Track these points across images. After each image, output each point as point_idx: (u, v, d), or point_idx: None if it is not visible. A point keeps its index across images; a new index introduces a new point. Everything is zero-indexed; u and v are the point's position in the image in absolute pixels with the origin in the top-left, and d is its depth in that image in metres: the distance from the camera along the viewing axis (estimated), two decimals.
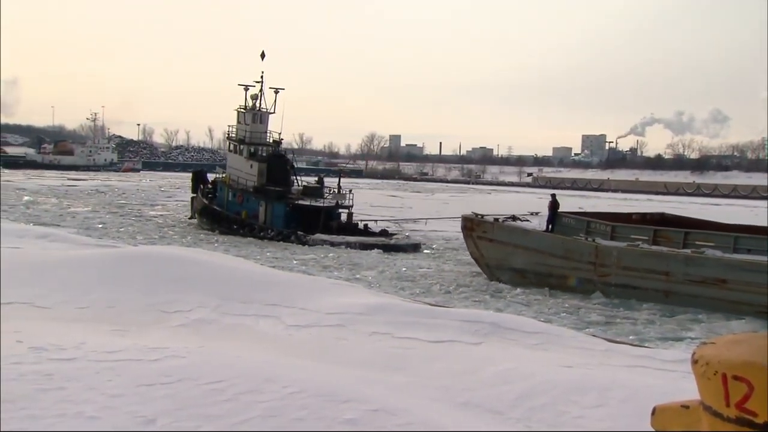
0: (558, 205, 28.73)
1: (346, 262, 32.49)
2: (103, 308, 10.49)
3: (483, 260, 29.29)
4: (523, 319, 10.92)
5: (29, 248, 14.51)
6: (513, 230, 28.54)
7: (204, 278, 11.61)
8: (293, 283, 12.09)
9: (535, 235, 27.69)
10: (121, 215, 52.77)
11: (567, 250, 26.09)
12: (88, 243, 16.54)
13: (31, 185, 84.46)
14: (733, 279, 22.14)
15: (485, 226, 29.26)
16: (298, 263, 31.19)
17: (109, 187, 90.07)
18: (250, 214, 44.47)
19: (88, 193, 77.18)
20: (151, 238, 39.01)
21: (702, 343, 2.28)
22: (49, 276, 11.74)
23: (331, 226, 41.64)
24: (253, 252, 34.67)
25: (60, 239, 16.73)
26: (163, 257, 12.77)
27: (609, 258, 24.87)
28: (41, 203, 58.93)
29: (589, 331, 16.50)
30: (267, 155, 48.00)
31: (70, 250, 14.41)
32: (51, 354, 7.52)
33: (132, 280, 11.55)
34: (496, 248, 28.45)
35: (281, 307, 10.63)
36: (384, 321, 9.98)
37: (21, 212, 49.70)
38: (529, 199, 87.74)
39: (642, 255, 24.29)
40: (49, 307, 10.48)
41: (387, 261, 33.23)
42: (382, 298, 12.04)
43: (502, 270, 28.22)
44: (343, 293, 11.79)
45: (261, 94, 49.22)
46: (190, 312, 10.42)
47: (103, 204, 62.06)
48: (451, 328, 9.71)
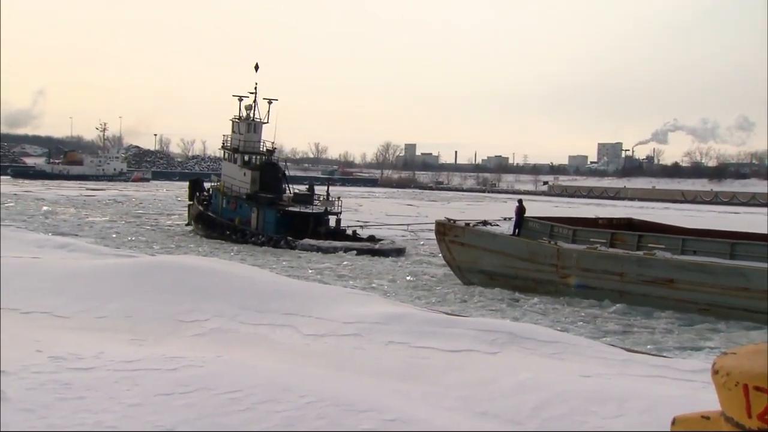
0: (524, 210, 29.90)
1: (361, 271, 32.50)
2: (121, 318, 10.56)
3: (455, 263, 30.50)
4: (540, 328, 10.86)
5: (49, 258, 14.64)
6: (482, 234, 29.78)
7: (220, 288, 11.66)
8: (309, 293, 12.11)
9: (502, 238, 28.91)
10: (138, 224, 53.10)
11: (531, 253, 27.29)
12: (106, 253, 16.66)
13: (49, 195, 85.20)
14: (679, 278, 23.40)
15: (457, 231, 30.54)
16: (314, 272, 31.22)
17: (126, 197, 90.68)
18: (243, 220, 45.96)
19: (105, 203, 77.71)
20: (168, 247, 39.22)
21: (722, 353, 2.27)
22: (69, 286, 11.84)
23: (319, 231, 43.06)
24: (269, 261, 34.77)
25: (79, 249, 16.86)
26: (180, 267, 12.83)
27: (569, 260, 26.02)
28: (60, 213, 59.38)
29: (606, 340, 16.40)
30: (260, 164, 49.49)
31: (89, 260, 14.51)
32: (70, 363, 7.58)
33: (149, 289, 11.62)
34: (466, 251, 29.71)
35: (298, 317, 10.65)
36: (401, 330, 9.97)
37: (40, 222, 50.14)
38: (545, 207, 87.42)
39: (599, 257, 25.45)
40: (68, 317, 10.57)
41: (400, 269, 33.18)
42: (399, 308, 12.02)
43: (473, 272, 29.39)
44: (360, 302, 11.79)
45: (255, 104, 50.67)
46: (207, 321, 10.46)
47: (120, 214, 62.44)
48: (468, 337, 9.68)
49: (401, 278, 30.41)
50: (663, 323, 22.04)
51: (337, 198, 47.05)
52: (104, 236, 42.64)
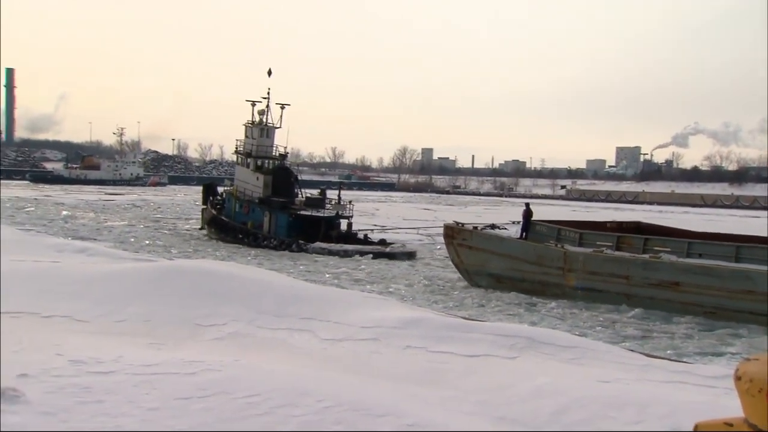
0: (531, 213, 30.17)
1: (377, 275, 32.51)
2: (139, 322, 10.63)
3: (462, 266, 30.78)
4: (558, 333, 10.82)
5: (68, 262, 14.75)
6: (489, 238, 30.05)
7: (238, 292, 11.70)
8: (327, 297, 12.12)
9: (510, 242, 29.18)
10: (155, 229, 53.45)
11: (538, 256, 27.56)
12: (125, 257, 16.79)
13: (69, 200, 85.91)
14: (684, 281, 23.53)
15: (465, 234, 30.82)
16: (331, 277, 31.25)
17: (144, 201, 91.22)
18: (256, 224, 46.44)
19: (124, 207, 78.23)
20: (186, 251, 39.40)
21: (745, 359, 2.25)
22: (88, 290, 11.93)
23: (330, 235, 43.53)
24: (286, 265, 34.85)
25: (98, 253, 17.00)
26: (198, 271, 12.89)
27: (576, 263, 26.28)
28: (79, 217, 59.85)
29: (625, 345, 16.28)
30: (272, 168, 49.97)
31: (108, 265, 14.62)
32: (89, 367, 7.63)
33: (167, 293, 11.68)
34: (474, 255, 30.02)
35: (315, 321, 10.67)
36: (418, 335, 9.96)
37: (60, 226, 50.54)
38: (563, 212, 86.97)
39: (605, 260, 25.64)
40: (87, 321, 10.65)
41: (416, 273, 33.15)
42: (416, 312, 12.01)
43: (480, 275, 29.70)
44: (377, 307, 11.78)
45: (267, 109, 51.13)
46: (225, 326, 10.51)
47: (139, 218, 62.83)
48: (486, 342, 9.65)
49: (418, 282, 30.36)
50: (683, 328, 21.85)
51: (349, 202, 47.48)
52: (123, 240, 42.90)
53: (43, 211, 65.97)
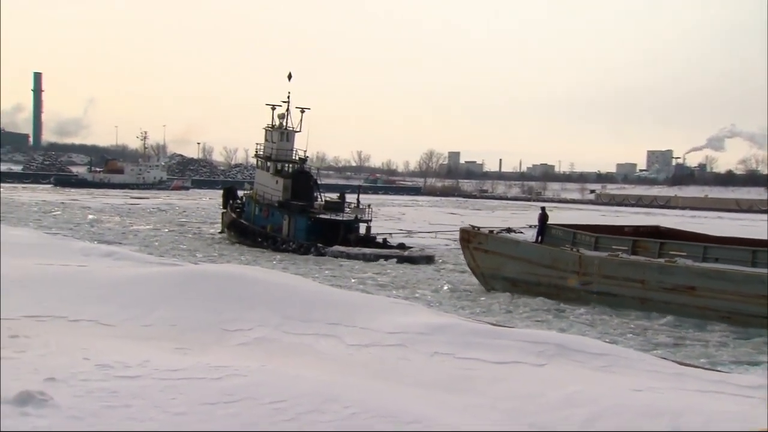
0: (547, 217, 30.63)
1: (403, 281, 32.53)
2: (166, 326, 10.72)
3: (478, 270, 31.13)
4: (588, 339, 10.72)
5: (95, 266, 14.93)
6: (505, 241, 30.39)
7: (264, 297, 11.76)
8: (353, 303, 12.14)
9: (525, 245, 29.55)
10: (180, 233, 53.94)
11: (554, 260, 27.75)
12: (151, 261, 16.95)
13: (95, 204, 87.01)
14: (700, 286, 23.52)
15: (480, 238, 31.18)
16: (356, 282, 31.32)
17: (170, 205, 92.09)
18: (275, 227, 46.99)
19: (149, 211, 79.03)
20: (211, 255, 39.70)
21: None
22: (114, 294, 12.06)
23: (349, 238, 43.85)
24: (312, 270, 34.98)
25: (124, 257, 17.18)
26: (224, 276, 12.97)
27: (591, 267, 26.47)
28: (105, 222, 60.57)
29: (657, 353, 16.09)
30: (292, 172, 50.44)
31: (134, 269, 14.77)
32: (117, 371, 7.72)
33: (193, 298, 11.77)
34: (490, 258, 30.33)
35: (341, 327, 10.69)
36: (446, 341, 9.93)
37: (86, 230, 51.19)
38: (591, 216, 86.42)
39: (620, 264, 25.73)
40: (114, 325, 10.76)
41: (441, 278, 33.11)
42: (443, 318, 11.99)
43: (496, 279, 30.01)
44: (404, 312, 11.78)
45: (287, 113, 51.52)
46: (251, 331, 10.56)
47: (164, 222, 63.42)
48: (515, 348, 9.60)
49: (444, 288, 30.33)
50: (717, 336, 21.56)
51: (368, 206, 47.88)
52: (148, 244, 43.34)
53: (70, 215, 66.86)
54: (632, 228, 33.19)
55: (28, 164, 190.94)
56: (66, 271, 14.08)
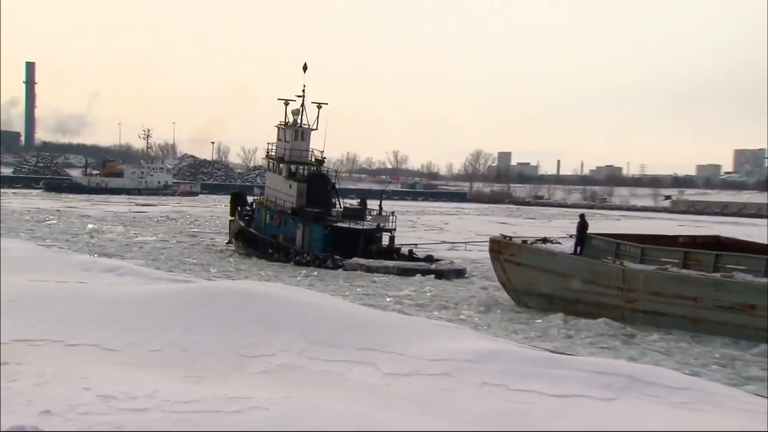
0: (587, 226, 30.89)
1: (444, 299, 32.52)
2: (176, 352, 10.81)
3: (510, 285, 31.64)
4: (665, 370, 10.58)
5: (96, 283, 15.13)
6: (539, 253, 30.71)
7: (288, 318, 11.81)
8: (390, 325, 12.14)
9: (562, 257, 29.79)
10: (193, 245, 54.48)
11: (593, 274, 28.02)
12: (159, 277, 17.11)
13: (95, 212, 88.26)
14: (761, 304, 23.31)
15: (512, 249, 31.62)
16: (392, 300, 31.36)
17: (180, 213, 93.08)
18: (288, 237, 47.63)
19: (156, 220, 79.96)
20: (226, 270, 40.00)
21: None
22: (118, 315, 12.20)
23: (370, 249, 44.41)
24: (341, 287, 35.07)
25: (129, 273, 17.37)
26: (242, 293, 13.06)
27: (636, 282, 26.59)
28: (107, 232, 61.40)
29: (749, 388, 15.84)
30: (307, 175, 51.00)
31: (140, 286, 14.94)
32: (121, 403, 7.80)
33: (208, 319, 11.86)
34: (523, 272, 30.73)
35: (377, 352, 10.68)
36: (497, 370, 9.88)
37: (85, 242, 51.92)
38: (667, 227, 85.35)
39: (669, 279, 25.81)
40: (118, 350, 10.88)
41: (489, 298, 33.01)
42: (494, 343, 11.93)
43: (530, 295, 30.53)
44: (448, 336, 11.75)
45: (302, 109, 52.01)
46: (274, 357, 10.60)
47: (174, 232, 64.10)
48: (577, 379, 9.52)
49: (494, 308, 30.22)
50: None
51: (391, 213, 48.20)
52: (155, 258, 43.83)
53: (66, 224, 67.88)
54: (688, 238, 33.34)
55: (20, 166, 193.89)
56: (63, 288, 14.27)
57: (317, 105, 52.30)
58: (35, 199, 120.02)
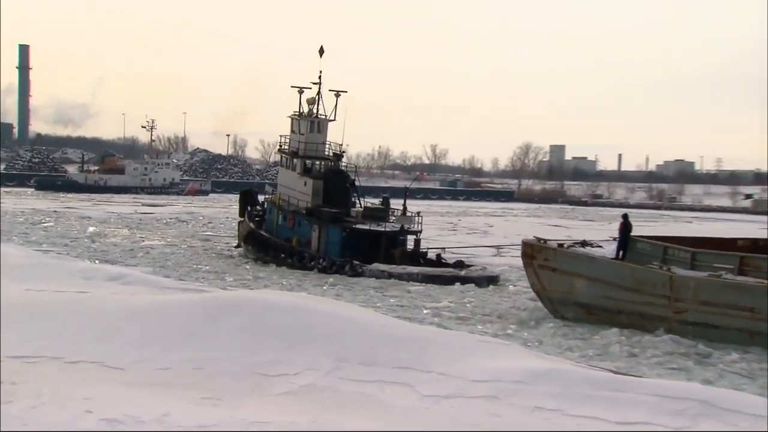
0: (630, 227, 31.14)
1: (487, 310, 32.57)
2: (189, 370, 10.87)
3: (545, 293, 32.17)
4: (746, 395, 10.47)
5: (99, 293, 15.26)
6: (577, 258, 31.21)
7: (314, 332, 11.83)
8: (428, 340, 12.12)
9: (602, 263, 30.23)
10: (205, 249, 54.90)
11: (638, 281, 28.33)
12: (168, 286, 17.22)
13: (97, 213, 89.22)
14: None
15: (547, 253, 32.14)
16: (430, 312, 31.48)
17: (191, 215, 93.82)
18: (302, 240, 48.21)
19: (166, 222, 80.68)
20: (244, 279, 40.29)
21: None
22: (124, 328, 12.29)
23: (393, 254, 44.82)
24: (373, 297, 35.18)
25: (135, 281, 17.50)
26: (262, 305, 13.10)
27: (685, 291, 26.90)
28: (109, 235, 62.04)
29: None
30: (324, 171, 51.55)
31: (148, 296, 15.05)
32: (127, 427, 7.89)
33: (224, 334, 11.92)
34: (559, 279, 31.23)
35: (414, 372, 10.68)
36: (551, 393, 9.84)
37: (85, 247, 52.59)
38: (747, 230, 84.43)
39: (723, 287, 26.05)
40: (123, 368, 10.97)
41: (538, 310, 32.93)
42: (547, 362, 11.88)
43: (566, 305, 31.01)
44: (494, 354, 11.71)
45: (319, 97, 52.48)
46: (298, 376, 10.64)
47: (184, 236, 64.65)
48: (644, 405, 9.45)
49: (544, 321, 30.16)
50: None
51: (417, 213, 48.44)
52: (164, 265, 44.30)
53: (65, 227, 68.71)
54: (748, 241, 33.37)
55: (12, 162, 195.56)
56: (61, 299, 14.39)
57: (335, 93, 52.70)
58: (30, 198, 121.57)
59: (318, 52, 52.38)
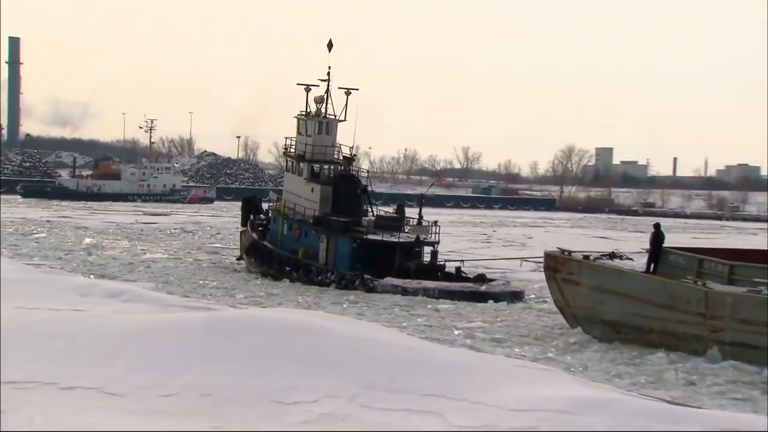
0: (663, 238, 31.57)
1: (523, 331, 32.52)
2: (195, 397, 10.90)
3: (568, 309, 32.60)
4: None
5: (97, 311, 15.33)
6: (604, 271, 31.48)
7: (334, 356, 11.84)
8: (459, 365, 12.12)
9: (631, 277, 30.50)
10: (213, 263, 55.09)
11: (670, 297, 28.50)
12: (173, 304, 17.27)
13: (94, 223, 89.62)
14: None
15: (571, 266, 32.49)
16: (461, 333, 31.42)
17: (198, 225, 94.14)
18: (309, 252, 48.46)
19: (170, 233, 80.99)
20: (256, 296, 40.37)
21: None
22: (124, 351, 12.33)
23: (408, 267, 45.00)
24: (398, 316, 35.17)
25: (136, 298, 17.57)
26: (276, 325, 13.13)
27: (722, 308, 26.92)
28: (107, 248, 62.34)
29: None
30: (333, 176, 51.63)
31: (151, 315, 15.10)
32: None
33: (233, 357, 11.94)
34: (584, 294, 31.60)
35: (445, 400, 10.67)
36: (600, 424, 9.81)
37: (81, 260, 52.85)
38: None
39: (764, 304, 25.95)
40: (123, 395, 11.00)
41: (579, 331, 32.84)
42: (593, 390, 11.85)
43: (592, 323, 31.30)
44: (534, 380, 11.69)
45: (327, 95, 52.68)
46: (316, 404, 10.65)
47: (190, 248, 64.88)
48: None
49: (589, 344, 30.03)
50: None
51: (433, 223, 48.62)
52: (167, 280, 44.44)
53: (59, 238, 69.07)
54: None
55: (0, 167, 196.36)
56: (56, 318, 14.47)
57: (345, 91, 52.90)
58: (20, 206, 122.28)
59: (326, 46, 52.71)
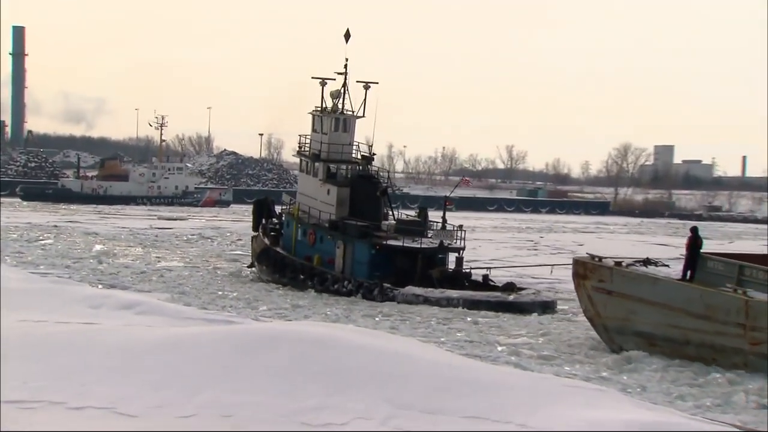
0: (701, 243, 31.94)
1: (573, 346, 32.40)
2: (215, 418, 10.94)
3: (599, 320, 32.90)
4: None
5: (108, 324, 15.43)
6: (637, 278, 31.64)
7: (366, 373, 11.86)
8: (503, 384, 12.11)
9: (667, 285, 30.70)
10: (232, 272, 55.23)
11: (707, 307, 28.68)
12: (190, 316, 17.36)
13: (104, 229, 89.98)
14: None
15: (602, 273, 32.59)
16: (505, 350, 31.28)
17: (218, 230, 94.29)
18: (324, 258, 49.03)
19: (186, 239, 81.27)
20: (280, 308, 40.42)
21: None
22: (138, 367, 12.40)
23: (431, 275, 45.21)
24: (435, 330, 35.10)
25: (150, 310, 17.66)
26: (303, 340, 13.15)
27: (763, 318, 26.99)
28: (119, 255, 62.65)
29: None
30: (351, 177, 52.03)
31: (166, 328, 15.18)
32: None
33: (257, 374, 11.98)
34: (616, 303, 31.82)
35: (488, 422, 10.67)
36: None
37: (91, 269, 53.10)
38: None
39: None
40: (136, 415, 11.06)
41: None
42: (653, 413, 11.81)
43: (625, 335, 31.68)
44: (587, 402, 11.67)
45: (345, 89, 52.85)
46: (347, 425, 10.67)
47: (209, 256, 65.12)
48: None
49: (646, 361, 29.84)
50: None
51: (458, 227, 48.97)
52: (184, 291, 44.58)
53: (66, 245, 69.41)
54: None
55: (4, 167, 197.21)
56: (64, 331, 14.56)
57: (364, 85, 53.13)
58: (25, 210, 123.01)
59: (344, 37, 52.82)
